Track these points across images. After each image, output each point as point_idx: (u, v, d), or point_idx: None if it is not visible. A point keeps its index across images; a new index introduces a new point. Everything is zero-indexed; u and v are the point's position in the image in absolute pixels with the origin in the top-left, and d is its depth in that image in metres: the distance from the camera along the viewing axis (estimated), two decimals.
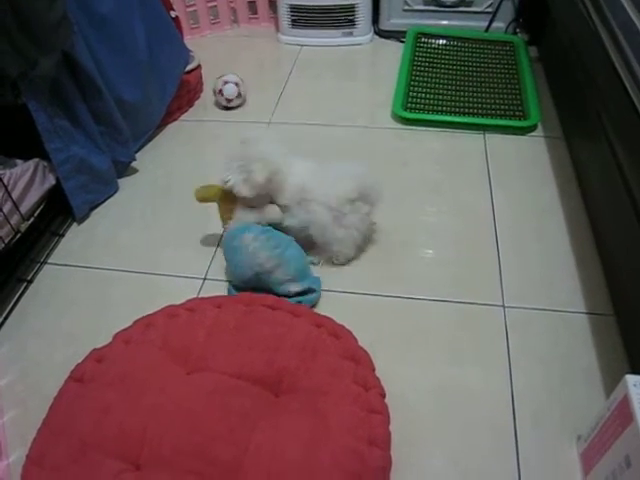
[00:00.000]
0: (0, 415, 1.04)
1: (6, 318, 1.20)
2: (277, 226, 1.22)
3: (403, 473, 0.90)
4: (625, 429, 0.74)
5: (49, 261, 1.33)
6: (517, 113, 1.64)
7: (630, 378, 0.76)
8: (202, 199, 1.24)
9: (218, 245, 1.33)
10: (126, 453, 0.88)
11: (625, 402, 0.75)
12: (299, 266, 1.16)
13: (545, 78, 1.82)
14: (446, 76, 1.82)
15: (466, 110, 1.67)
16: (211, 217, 1.35)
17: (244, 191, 1.16)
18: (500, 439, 0.94)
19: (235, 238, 1.16)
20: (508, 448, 0.93)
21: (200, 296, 1.19)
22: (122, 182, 1.53)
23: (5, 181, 1.20)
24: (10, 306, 1.23)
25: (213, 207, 1.28)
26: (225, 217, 1.24)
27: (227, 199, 1.22)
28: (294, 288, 1.14)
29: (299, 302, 1.13)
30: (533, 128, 1.60)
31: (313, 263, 1.24)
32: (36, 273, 1.30)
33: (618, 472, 0.75)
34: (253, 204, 1.20)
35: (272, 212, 1.20)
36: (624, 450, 0.75)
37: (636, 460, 0.71)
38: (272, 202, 1.21)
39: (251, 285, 1.16)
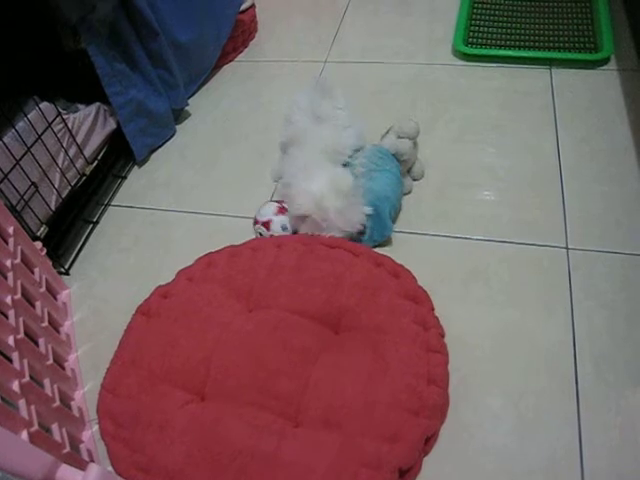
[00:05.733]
0: (74, 349, 1.11)
1: (75, 258, 1.26)
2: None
3: (460, 412, 0.90)
4: None
5: (113, 203, 1.37)
6: (588, 45, 1.54)
7: None
8: None
9: (276, 186, 1.33)
10: (192, 385, 0.93)
11: None
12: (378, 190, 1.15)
13: (622, 5, 1.68)
14: (510, 7, 1.71)
15: (531, 44, 1.57)
16: (269, 158, 1.36)
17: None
18: (560, 382, 0.93)
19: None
20: (568, 392, 0.92)
21: None
22: (180, 124, 1.55)
23: (69, 125, 1.23)
24: (78, 247, 1.28)
25: (272, 149, 1.33)
26: None
27: None
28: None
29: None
30: (605, 61, 1.50)
31: None
32: (101, 215, 1.35)
33: None
34: None
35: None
36: None
37: None
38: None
39: None
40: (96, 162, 1.35)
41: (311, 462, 0.80)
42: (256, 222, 1.18)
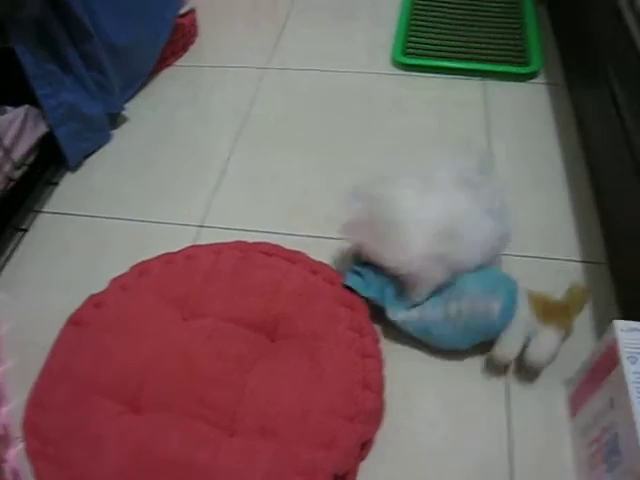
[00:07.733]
0: (0, 363, 1.06)
1: (3, 267, 1.21)
2: None
3: (396, 416, 0.92)
4: (611, 372, 0.76)
5: (44, 210, 1.32)
6: (518, 59, 1.60)
7: (618, 323, 0.77)
8: None
9: (214, 192, 1.32)
10: (125, 396, 0.90)
11: (612, 346, 0.76)
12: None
13: (550, 22, 1.76)
14: (447, 19, 1.76)
15: (466, 56, 1.63)
16: (207, 165, 1.34)
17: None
18: (491, 383, 0.96)
19: None
20: (499, 392, 0.95)
21: (197, 243, 1.19)
22: (116, 129, 1.51)
23: None
24: (7, 255, 1.23)
25: (210, 155, 1.31)
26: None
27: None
28: None
29: None
30: (534, 75, 1.57)
31: None
32: (32, 222, 1.30)
33: (602, 413, 0.78)
34: None
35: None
36: (609, 393, 0.77)
37: (618, 402, 0.73)
38: None
39: None
40: (26, 167, 1.30)
41: (246, 471, 0.79)
42: None
